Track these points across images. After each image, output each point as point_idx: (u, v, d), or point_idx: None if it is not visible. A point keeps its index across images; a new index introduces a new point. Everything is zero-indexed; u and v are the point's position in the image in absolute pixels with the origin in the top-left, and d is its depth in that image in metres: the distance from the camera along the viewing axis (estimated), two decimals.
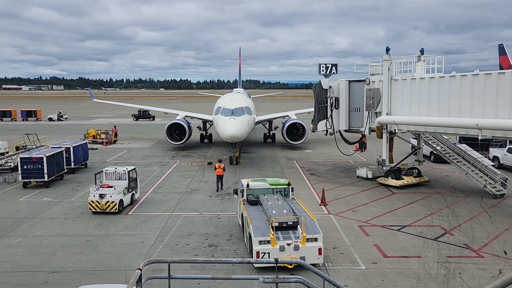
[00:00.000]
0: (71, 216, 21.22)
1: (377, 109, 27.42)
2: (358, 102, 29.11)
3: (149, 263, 8.06)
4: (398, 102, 26.48)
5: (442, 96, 23.63)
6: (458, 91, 22.72)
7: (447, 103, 23.34)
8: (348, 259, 15.99)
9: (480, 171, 25.45)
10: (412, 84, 25.57)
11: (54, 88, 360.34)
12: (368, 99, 27.68)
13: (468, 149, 27.42)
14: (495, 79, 20.97)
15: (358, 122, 29.23)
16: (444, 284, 13.92)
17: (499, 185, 24.60)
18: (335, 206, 22.97)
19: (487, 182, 24.64)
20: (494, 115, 20.70)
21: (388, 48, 27.30)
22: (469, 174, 25.60)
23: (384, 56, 27.13)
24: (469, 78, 22.32)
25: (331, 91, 29.32)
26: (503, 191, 24.56)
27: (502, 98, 20.46)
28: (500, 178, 24.78)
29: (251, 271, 14.70)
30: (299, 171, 32.37)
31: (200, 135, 49.23)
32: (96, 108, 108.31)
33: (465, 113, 22.22)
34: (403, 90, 26.11)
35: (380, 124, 27.24)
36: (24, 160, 26.68)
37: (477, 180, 25.13)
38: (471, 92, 21.98)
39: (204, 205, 23.11)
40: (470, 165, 25.93)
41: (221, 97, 39.65)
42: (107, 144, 46.21)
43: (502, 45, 58.10)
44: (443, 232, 18.86)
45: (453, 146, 27.50)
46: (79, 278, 14.22)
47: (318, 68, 32.80)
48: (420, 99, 24.94)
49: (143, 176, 29.68)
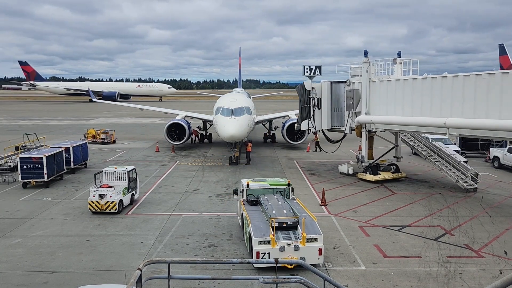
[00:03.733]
0: (71, 216, 21.20)
1: (356, 109, 28.98)
2: (339, 102, 30.68)
3: (149, 263, 8.05)
4: (376, 103, 28.02)
5: (415, 96, 25.05)
6: (429, 92, 24.16)
7: (419, 103, 24.75)
8: (348, 259, 15.97)
9: (454, 167, 26.98)
10: (388, 85, 27.10)
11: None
12: (348, 99, 29.26)
13: (443, 147, 29.01)
14: (461, 81, 22.36)
15: (340, 122, 30.80)
16: (444, 284, 13.90)
17: (470, 179, 25.98)
18: (335, 206, 22.95)
19: (459, 177, 26.13)
20: (460, 115, 22.06)
21: (366, 51, 28.94)
22: (443, 170, 27.12)
23: (362, 59, 28.62)
24: (438, 80, 23.76)
25: (313, 92, 30.94)
26: (474, 186, 25.82)
27: (468, 99, 21.83)
28: (471, 173, 26.13)
29: (251, 271, 14.67)
30: (299, 171, 32.35)
31: (200, 135, 49.11)
32: (95, 108, 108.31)
33: (435, 112, 23.55)
34: (380, 91, 27.65)
35: (359, 124, 28.71)
36: (24, 160, 26.65)
37: (450, 175, 26.62)
38: (441, 93, 23.43)
39: (204, 205, 23.09)
40: (444, 161, 27.44)
41: (221, 97, 39.61)
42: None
43: (502, 45, 58.11)
44: (444, 232, 18.85)
45: (429, 144, 28.95)
46: (79, 278, 14.20)
47: (303, 70, 34.08)
48: (395, 99, 26.42)
49: (143, 176, 29.66)
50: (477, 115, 21.21)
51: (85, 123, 70.04)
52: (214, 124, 35.50)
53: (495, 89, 20.55)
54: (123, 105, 71.41)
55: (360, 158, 29.66)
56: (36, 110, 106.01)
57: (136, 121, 77.66)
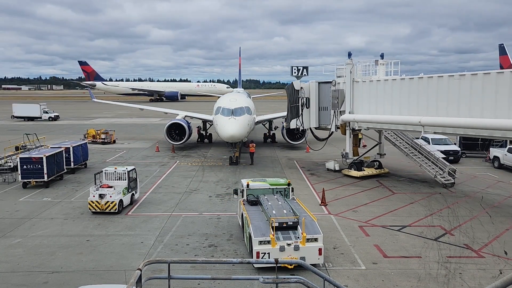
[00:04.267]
0: (71, 216, 21.20)
1: (341, 108, 30.19)
2: (326, 101, 31.92)
3: (149, 263, 8.05)
4: (359, 102, 29.35)
5: (394, 96, 26.32)
6: (407, 92, 25.47)
7: (398, 102, 26.04)
8: (348, 259, 15.96)
9: (433, 163, 28.25)
10: (370, 85, 28.46)
11: (54, 88, 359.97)
12: (333, 99, 30.55)
13: (423, 144, 30.45)
14: (435, 82, 23.65)
15: (327, 120, 32.04)
16: (444, 284, 13.90)
17: (447, 174, 27.28)
18: (335, 206, 22.95)
19: (437, 173, 27.38)
20: (435, 113, 23.31)
21: (350, 53, 30.20)
22: (423, 165, 28.40)
23: (346, 60, 29.92)
24: (415, 80, 25.06)
25: (302, 91, 32.38)
26: (451, 181, 27.10)
27: (441, 99, 23.10)
28: (449, 169, 27.52)
29: (251, 271, 14.67)
30: (299, 171, 32.35)
31: (200, 135, 49.13)
32: (95, 108, 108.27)
33: (412, 111, 24.76)
34: (363, 91, 29.01)
35: (343, 122, 30.08)
36: (24, 160, 26.64)
37: (429, 171, 27.89)
38: (417, 93, 24.69)
39: (204, 205, 23.09)
40: (424, 158, 28.80)
41: (221, 97, 39.61)
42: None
43: (502, 45, 58.05)
44: (444, 232, 18.84)
45: (411, 141, 30.35)
46: (79, 278, 14.20)
47: (291, 70, 34.96)
48: (377, 99, 27.72)
49: (143, 176, 29.65)
50: (450, 113, 22.45)
51: (85, 123, 70.03)
52: (214, 124, 35.49)
53: (465, 90, 21.81)
54: (123, 105, 71.31)
55: (345, 154, 30.88)
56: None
57: (136, 121, 77.65)
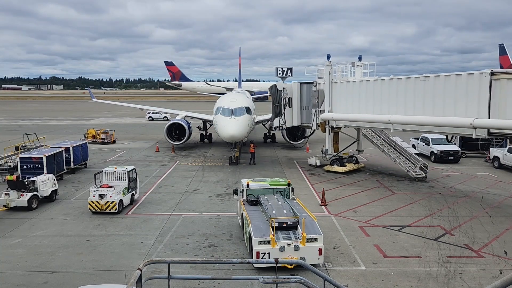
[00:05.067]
0: (71, 216, 21.20)
1: (321, 107, 31.90)
2: (308, 101, 33.75)
3: (149, 263, 8.04)
4: (337, 101, 31.18)
5: (368, 96, 28.15)
6: (379, 92, 27.23)
7: (372, 102, 27.84)
8: (348, 259, 15.96)
9: (406, 159, 30.25)
10: (347, 86, 30.42)
11: (54, 88, 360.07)
12: (314, 98, 32.26)
13: (398, 141, 32.21)
14: (403, 83, 25.50)
15: (308, 119, 33.85)
16: (444, 284, 13.90)
17: (419, 169, 29.27)
18: (335, 206, 22.95)
19: (410, 167, 29.36)
20: (404, 112, 25.09)
21: (329, 55, 32.04)
22: (397, 161, 30.47)
23: (325, 62, 31.73)
24: (386, 82, 26.85)
25: (285, 92, 34.26)
26: (422, 175, 29.04)
27: (409, 98, 24.87)
28: (421, 164, 29.53)
29: (251, 271, 14.67)
30: (299, 171, 32.35)
31: (200, 135, 49.24)
32: (95, 108, 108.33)
33: (384, 110, 26.52)
34: (341, 91, 30.88)
35: (323, 120, 31.87)
36: (24, 160, 26.64)
37: (402, 166, 29.91)
38: (388, 93, 26.52)
39: (204, 205, 23.09)
40: (398, 154, 30.88)
41: (221, 97, 39.61)
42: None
43: (502, 45, 58.02)
44: (444, 232, 18.85)
45: (387, 139, 32.19)
46: (79, 278, 14.19)
47: (275, 72, 36.21)
48: (353, 99, 29.56)
49: (143, 176, 29.66)
50: (417, 112, 24.24)
51: (85, 123, 70.05)
52: (214, 124, 35.50)
53: (429, 91, 23.68)
54: (123, 105, 71.35)
55: (324, 151, 32.52)
56: (36, 110, 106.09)
57: (136, 121, 77.70)
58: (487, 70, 20.42)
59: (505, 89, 19.62)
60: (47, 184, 23.44)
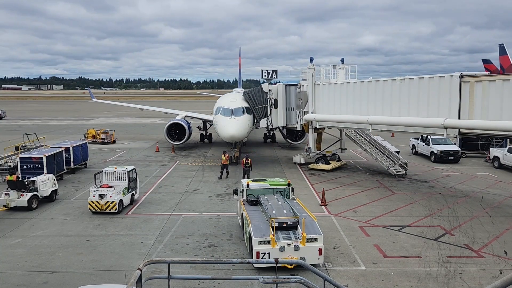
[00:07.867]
0: (71, 216, 21.20)
1: (305, 108, 32.71)
2: (292, 103, 34.71)
3: (149, 263, 8.04)
4: (320, 103, 32.08)
5: (349, 98, 29.16)
6: (359, 94, 28.30)
7: (352, 103, 28.87)
8: (348, 259, 15.96)
9: (387, 157, 31.49)
10: (329, 88, 31.31)
11: (54, 88, 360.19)
12: (298, 100, 33.04)
13: (379, 140, 33.48)
14: (381, 85, 26.46)
15: (293, 120, 34.90)
16: (444, 284, 13.89)
17: (399, 166, 30.60)
18: (335, 206, 22.95)
19: (390, 165, 30.59)
20: (381, 113, 26.13)
21: (312, 58, 33.18)
22: (378, 159, 31.61)
23: (308, 65, 32.50)
24: (365, 84, 27.91)
25: (270, 93, 35.33)
26: (402, 172, 30.30)
27: (386, 100, 25.95)
28: (400, 162, 30.90)
29: (251, 271, 14.67)
30: (299, 171, 32.36)
31: (200, 135, 49.26)
32: (95, 108, 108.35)
33: (363, 111, 27.54)
34: (323, 93, 31.74)
35: (306, 121, 32.79)
36: (24, 160, 26.64)
37: (383, 164, 31.09)
38: (367, 94, 27.52)
39: (204, 205, 23.09)
40: (379, 152, 32.07)
41: (221, 97, 39.61)
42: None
43: (502, 45, 57.89)
44: (444, 232, 18.84)
45: (369, 138, 33.43)
46: (79, 278, 14.19)
47: (261, 74, 37.05)
48: (334, 100, 30.54)
49: (143, 176, 29.66)
50: (393, 113, 25.35)
51: (85, 123, 70.07)
52: (214, 124, 35.51)
53: (404, 92, 24.68)
54: (123, 105, 71.37)
55: (308, 149, 33.75)
56: (36, 110, 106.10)
57: (136, 121, 77.72)
58: (457, 73, 21.50)
59: (474, 91, 20.56)
60: (47, 184, 23.45)
